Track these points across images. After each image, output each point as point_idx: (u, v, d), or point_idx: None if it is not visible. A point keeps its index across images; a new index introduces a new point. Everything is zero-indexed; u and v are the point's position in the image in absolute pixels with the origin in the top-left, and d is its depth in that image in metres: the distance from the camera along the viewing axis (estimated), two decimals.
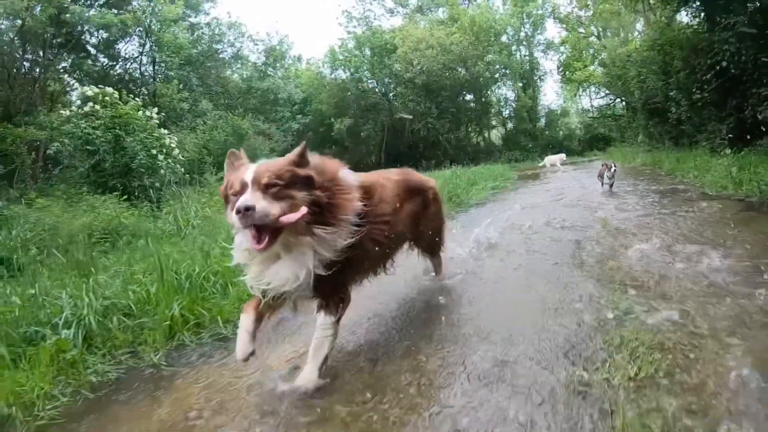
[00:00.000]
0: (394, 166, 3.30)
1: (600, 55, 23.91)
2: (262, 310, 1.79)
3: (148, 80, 16.51)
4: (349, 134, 22.34)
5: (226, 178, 1.66)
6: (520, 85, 24.92)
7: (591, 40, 25.18)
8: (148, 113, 8.23)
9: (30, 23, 11.62)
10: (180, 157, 8.62)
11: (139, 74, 16.80)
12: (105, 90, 7.88)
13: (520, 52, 25.92)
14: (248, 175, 1.53)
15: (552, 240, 3.73)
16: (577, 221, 4.38)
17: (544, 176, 12.02)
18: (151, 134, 8.02)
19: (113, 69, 16.40)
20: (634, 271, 2.66)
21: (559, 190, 7.51)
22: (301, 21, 50.90)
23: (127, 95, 8.39)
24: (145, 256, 3.72)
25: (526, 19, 25.06)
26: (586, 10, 24.10)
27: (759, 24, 6.66)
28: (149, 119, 8.19)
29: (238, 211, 1.43)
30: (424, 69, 20.52)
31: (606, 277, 2.61)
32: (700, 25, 8.95)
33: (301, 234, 1.59)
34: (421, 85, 21.27)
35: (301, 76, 23.45)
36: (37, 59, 13.13)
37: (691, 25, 9.52)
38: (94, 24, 13.98)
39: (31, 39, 12.40)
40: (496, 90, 25.51)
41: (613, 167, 6.40)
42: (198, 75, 17.04)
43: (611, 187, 6.46)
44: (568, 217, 4.63)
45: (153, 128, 8.16)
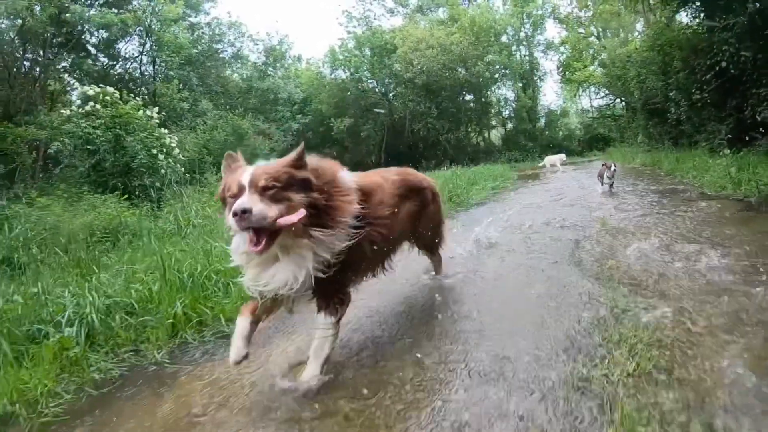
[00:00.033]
0: (394, 165, 3.30)
1: (600, 55, 23.88)
2: (259, 313, 1.79)
3: (148, 80, 16.49)
4: (349, 134, 22.33)
5: (223, 180, 1.65)
6: (520, 85, 24.89)
7: (591, 41, 25.17)
8: (148, 113, 8.24)
9: (30, 23, 11.63)
10: (180, 157, 8.61)
11: (139, 74, 16.77)
12: (105, 89, 7.89)
13: (520, 53, 25.89)
14: (245, 177, 1.51)
15: (552, 239, 3.74)
16: (577, 221, 4.40)
17: (544, 176, 12.01)
18: (152, 134, 8.02)
19: (113, 68, 16.39)
20: (633, 270, 2.68)
21: (558, 190, 7.53)
22: (301, 21, 50.79)
23: (127, 95, 8.40)
24: (146, 255, 3.74)
25: (526, 19, 25.02)
26: (586, 11, 24.15)
27: (758, 24, 6.67)
28: (149, 119, 8.20)
29: (235, 214, 1.42)
30: (424, 69, 20.48)
31: (605, 276, 2.63)
32: (700, 25, 8.97)
33: (298, 236, 1.58)
34: (421, 85, 21.22)
35: (301, 76, 23.42)
36: (38, 59, 13.14)
37: (691, 26, 9.53)
38: (94, 23, 13.99)
39: (32, 38, 12.42)
40: (496, 90, 25.47)
41: (613, 167, 6.42)
42: (198, 75, 17.02)
43: (611, 187, 6.47)
44: (567, 216, 4.65)
45: (153, 128, 8.17)
